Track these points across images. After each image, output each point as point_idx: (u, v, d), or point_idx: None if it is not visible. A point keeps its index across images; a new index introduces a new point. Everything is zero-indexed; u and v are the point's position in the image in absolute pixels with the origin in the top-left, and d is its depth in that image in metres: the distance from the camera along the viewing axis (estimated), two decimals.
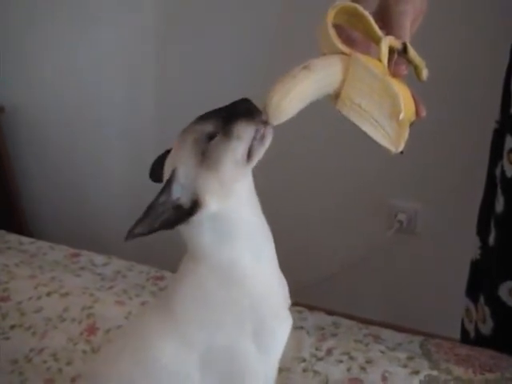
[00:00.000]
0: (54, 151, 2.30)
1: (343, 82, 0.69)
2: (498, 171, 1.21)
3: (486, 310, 1.22)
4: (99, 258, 1.44)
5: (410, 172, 1.82)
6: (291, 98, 0.67)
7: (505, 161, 1.11)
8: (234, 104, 0.70)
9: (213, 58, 1.88)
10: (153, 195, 0.66)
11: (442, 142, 1.72)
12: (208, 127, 0.68)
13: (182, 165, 0.68)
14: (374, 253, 1.92)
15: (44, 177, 2.38)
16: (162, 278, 1.37)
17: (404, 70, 0.71)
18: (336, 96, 0.70)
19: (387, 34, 0.71)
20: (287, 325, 0.77)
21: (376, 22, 0.71)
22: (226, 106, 0.70)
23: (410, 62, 0.71)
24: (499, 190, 1.14)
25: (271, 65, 1.52)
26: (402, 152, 0.68)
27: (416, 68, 0.72)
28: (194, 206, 0.67)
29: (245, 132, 0.68)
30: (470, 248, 1.37)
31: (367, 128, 0.68)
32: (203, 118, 0.70)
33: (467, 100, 1.62)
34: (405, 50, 0.71)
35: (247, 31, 1.81)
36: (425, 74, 0.72)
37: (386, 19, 0.72)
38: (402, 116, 0.67)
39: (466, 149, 1.66)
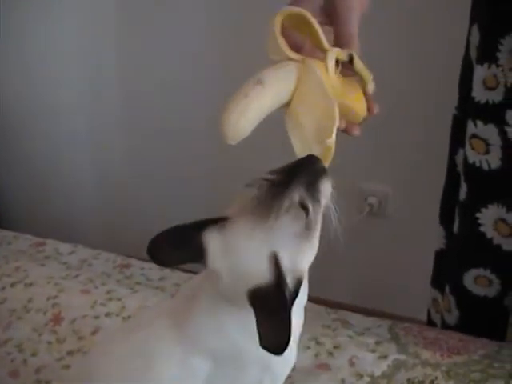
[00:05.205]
0: (19, 139, 2.27)
1: (294, 91, 0.68)
2: (458, 158, 1.19)
3: (452, 299, 1.20)
4: (65, 247, 1.42)
5: (379, 155, 1.82)
6: (248, 117, 0.65)
7: (467, 147, 1.08)
8: (302, 163, 0.64)
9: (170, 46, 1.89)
10: (119, 185, 0.64)
11: (410, 125, 1.73)
12: (295, 196, 0.62)
13: (282, 248, 0.62)
14: (345, 236, 1.91)
15: (8, 165, 2.34)
16: (128, 266, 1.34)
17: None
18: (288, 103, 0.69)
19: (334, 29, 0.71)
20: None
21: (322, 16, 0.70)
22: (294, 167, 0.64)
23: (356, 73, 0.70)
24: (462, 177, 1.12)
25: (230, 63, 1.52)
26: None
27: (362, 80, 0.71)
28: (298, 284, 0.64)
29: (328, 193, 0.66)
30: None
31: (296, 143, 0.69)
32: (281, 185, 0.62)
33: (430, 86, 1.63)
34: (351, 61, 0.69)
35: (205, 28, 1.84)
36: (371, 87, 0.71)
37: (333, 14, 0.71)
38: (329, 142, 0.66)
39: (432, 134, 1.66)
